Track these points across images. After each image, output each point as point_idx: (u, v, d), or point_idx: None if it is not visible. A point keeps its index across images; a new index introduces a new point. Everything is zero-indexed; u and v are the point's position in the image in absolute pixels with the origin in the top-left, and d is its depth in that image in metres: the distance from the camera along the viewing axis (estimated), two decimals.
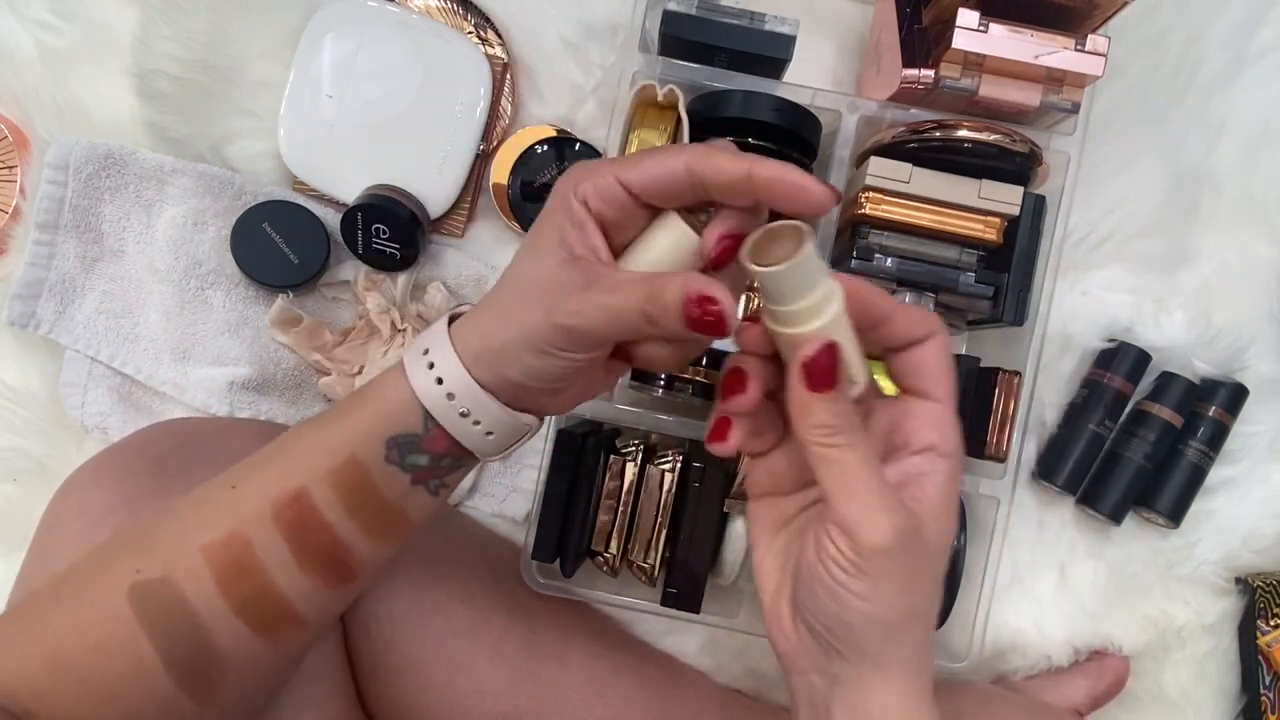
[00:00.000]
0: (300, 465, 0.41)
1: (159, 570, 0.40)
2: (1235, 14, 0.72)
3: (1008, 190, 0.59)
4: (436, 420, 0.40)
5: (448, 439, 0.41)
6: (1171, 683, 0.73)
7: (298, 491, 0.41)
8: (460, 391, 0.40)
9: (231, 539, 0.40)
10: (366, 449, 0.41)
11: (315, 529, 0.41)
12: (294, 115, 0.71)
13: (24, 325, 0.69)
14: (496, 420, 0.41)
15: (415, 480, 0.42)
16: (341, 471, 0.41)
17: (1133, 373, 0.72)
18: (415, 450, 0.41)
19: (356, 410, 0.42)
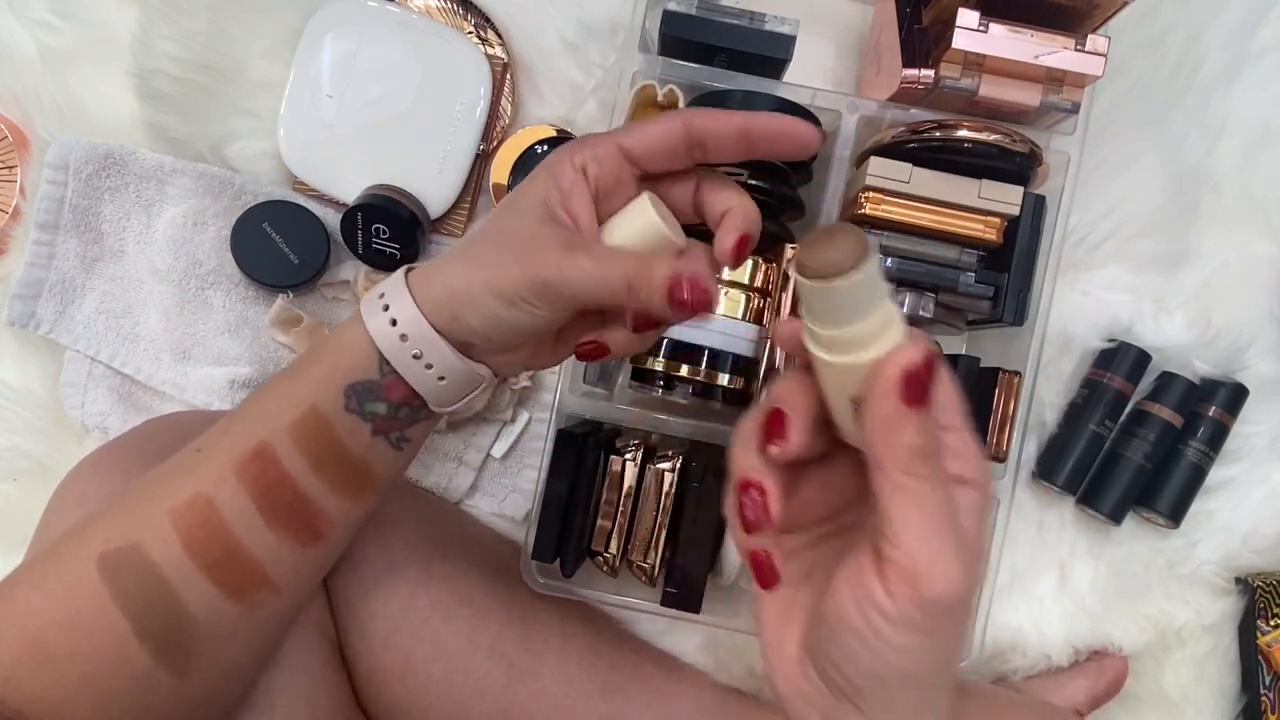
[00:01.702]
0: (262, 421, 0.42)
1: (127, 538, 0.40)
2: (1235, 14, 0.72)
3: (1008, 190, 0.59)
4: (390, 364, 0.41)
5: (403, 385, 0.41)
6: (1171, 683, 0.73)
7: (259, 447, 0.41)
8: (414, 334, 0.40)
9: (196, 500, 0.40)
10: (326, 398, 0.41)
11: (279, 484, 0.41)
12: (294, 115, 0.71)
13: (24, 325, 0.69)
14: (449, 365, 0.41)
15: (376, 430, 0.42)
16: (303, 423, 0.41)
17: (1133, 373, 0.72)
18: (373, 398, 0.41)
19: (315, 362, 0.42)
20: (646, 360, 0.62)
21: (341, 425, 0.41)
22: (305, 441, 0.41)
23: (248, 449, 0.41)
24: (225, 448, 0.42)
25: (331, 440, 0.41)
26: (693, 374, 0.62)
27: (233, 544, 0.41)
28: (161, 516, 0.40)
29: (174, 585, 0.40)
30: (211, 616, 0.41)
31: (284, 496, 0.41)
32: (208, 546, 0.40)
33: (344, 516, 0.43)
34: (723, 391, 0.63)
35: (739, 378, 0.63)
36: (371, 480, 0.43)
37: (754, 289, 0.63)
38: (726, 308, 0.62)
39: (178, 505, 0.40)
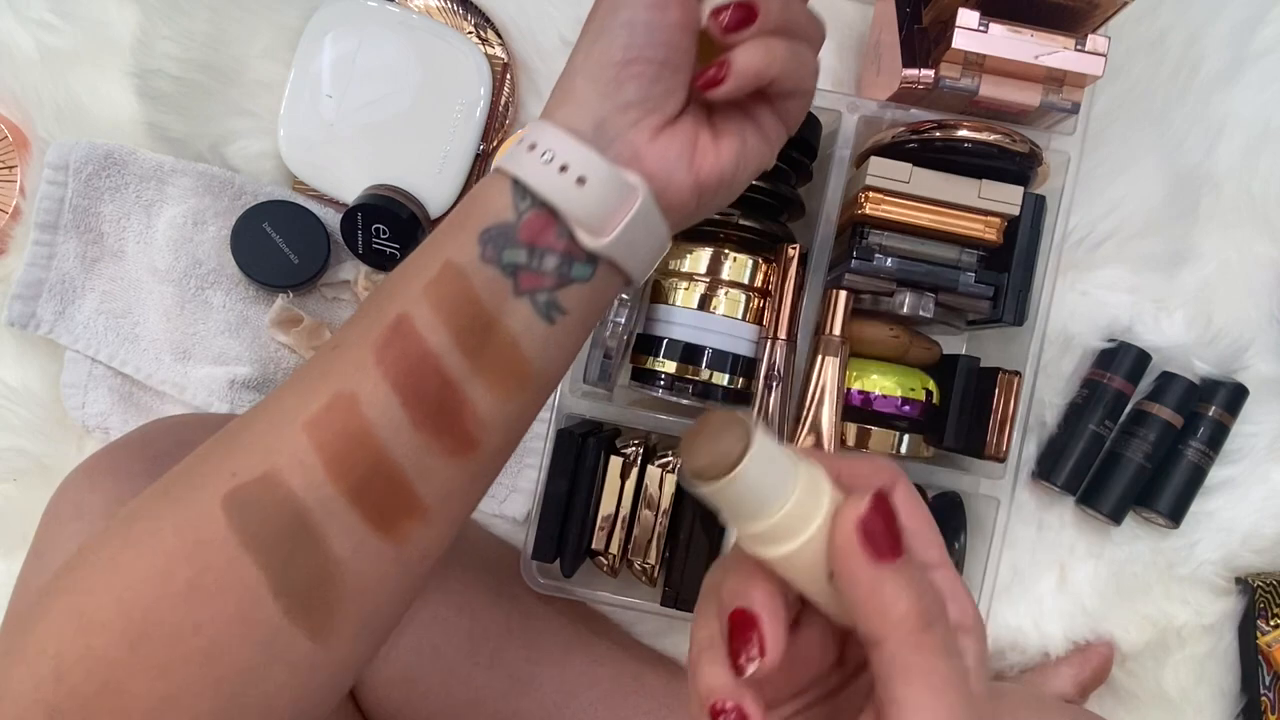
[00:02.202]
0: (395, 292, 0.35)
1: (258, 466, 0.32)
2: (1235, 14, 0.72)
3: (1008, 190, 0.59)
4: (524, 186, 0.35)
5: (543, 218, 0.35)
6: (1171, 683, 0.73)
7: (396, 320, 0.34)
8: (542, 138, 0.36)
9: (335, 403, 0.33)
10: (460, 250, 0.35)
11: (422, 365, 0.34)
12: (294, 115, 0.71)
13: (24, 325, 0.69)
14: (585, 161, 0.35)
15: (519, 288, 0.35)
16: (438, 283, 0.35)
17: (1133, 373, 0.72)
18: (511, 242, 0.35)
19: (448, 223, 0.37)
20: (646, 360, 0.62)
21: (480, 280, 0.35)
22: (444, 305, 0.34)
23: (384, 325, 0.34)
24: (361, 331, 0.35)
25: (471, 300, 0.34)
26: (693, 374, 0.62)
27: (379, 454, 0.33)
28: (296, 433, 0.33)
29: (316, 520, 0.32)
30: (357, 557, 0.33)
31: (429, 384, 0.34)
32: (352, 461, 0.33)
33: (495, 415, 0.35)
34: (723, 391, 0.63)
35: (739, 378, 0.63)
36: (521, 362, 0.36)
37: (754, 289, 0.63)
38: (726, 308, 0.62)
39: (314, 414, 0.33)
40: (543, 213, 0.35)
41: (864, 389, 0.64)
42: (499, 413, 0.36)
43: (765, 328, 0.63)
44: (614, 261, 0.37)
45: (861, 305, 0.65)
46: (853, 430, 0.65)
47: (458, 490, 0.36)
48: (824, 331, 0.62)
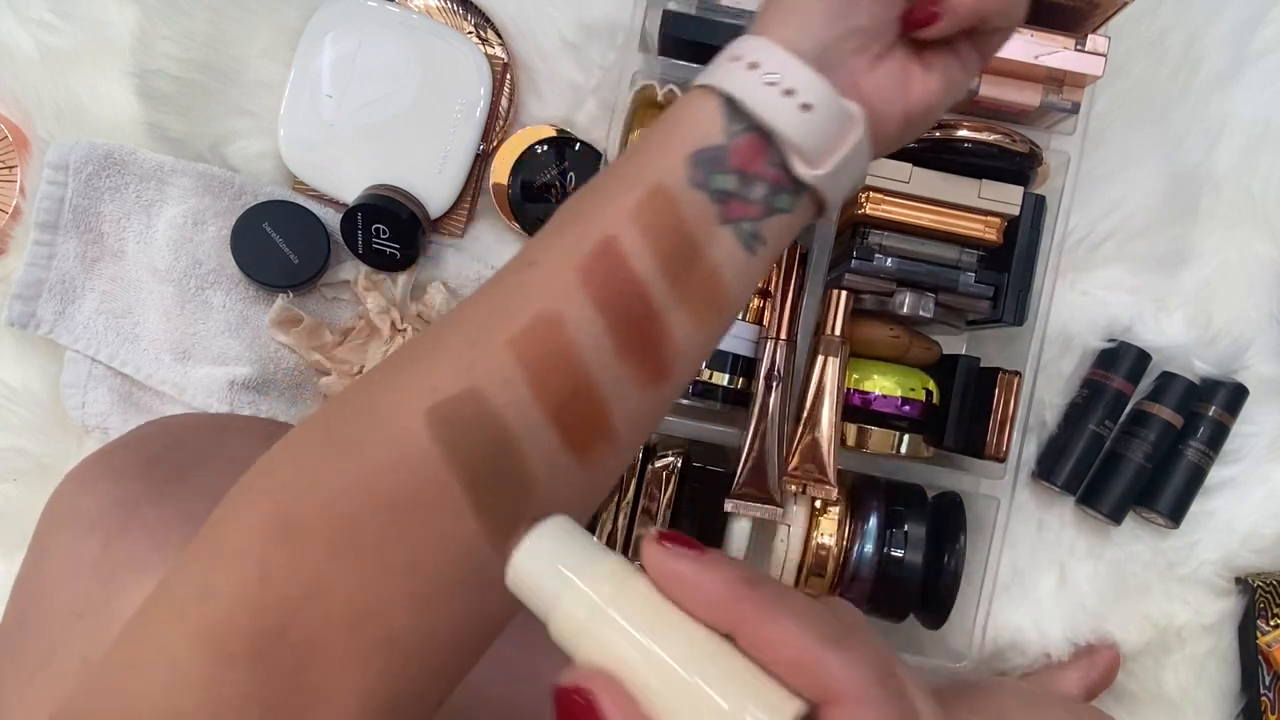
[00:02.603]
0: (601, 211, 0.34)
1: (462, 382, 0.32)
2: (1235, 14, 0.72)
3: (1008, 190, 0.59)
4: (742, 105, 0.34)
5: (756, 144, 0.34)
6: (1171, 683, 0.73)
7: (604, 242, 0.33)
8: (766, 58, 0.34)
9: (539, 321, 0.32)
10: (669, 172, 0.34)
11: (629, 290, 0.33)
12: (294, 115, 0.71)
13: (24, 325, 0.69)
14: (814, 88, 0.34)
15: (725, 216, 0.34)
16: (647, 205, 0.34)
17: (1133, 373, 0.72)
18: (721, 167, 0.34)
19: (649, 140, 0.35)
20: None
21: (688, 205, 0.34)
22: (652, 229, 0.33)
23: (591, 245, 0.33)
24: (564, 253, 0.33)
25: (679, 226, 0.34)
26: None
27: (582, 377, 0.33)
28: (499, 350, 0.32)
29: (518, 438, 0.32)
30: (551, 477, 0.33)
31: (634, 309, 0.33)
32: (556, 382, 0.32)
33: (689, 344, 0.35)
34: (723, 391, 0.63)
35: (739, 378, 0.63)
36: (721, 292, 0.35)
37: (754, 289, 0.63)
38: None
39: (518, 332, 0.32)
40: (755, 137, 0.34)
41: (864, 389, 0.64)
42: (693, 342, 0.35)
43: (765, 328, 0.63)
44: (820, 193, 0.36)
45: (861, 305, 0.65)
46: (853, 430, 0.65)
47: (645, 417, 0.36)
48: (824, 331, 0.62)
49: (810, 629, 0.23)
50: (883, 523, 0.64)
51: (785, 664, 0.23)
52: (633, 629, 0.23)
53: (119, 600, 0.46)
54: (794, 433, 0.62)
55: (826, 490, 0.61)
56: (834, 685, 0.22)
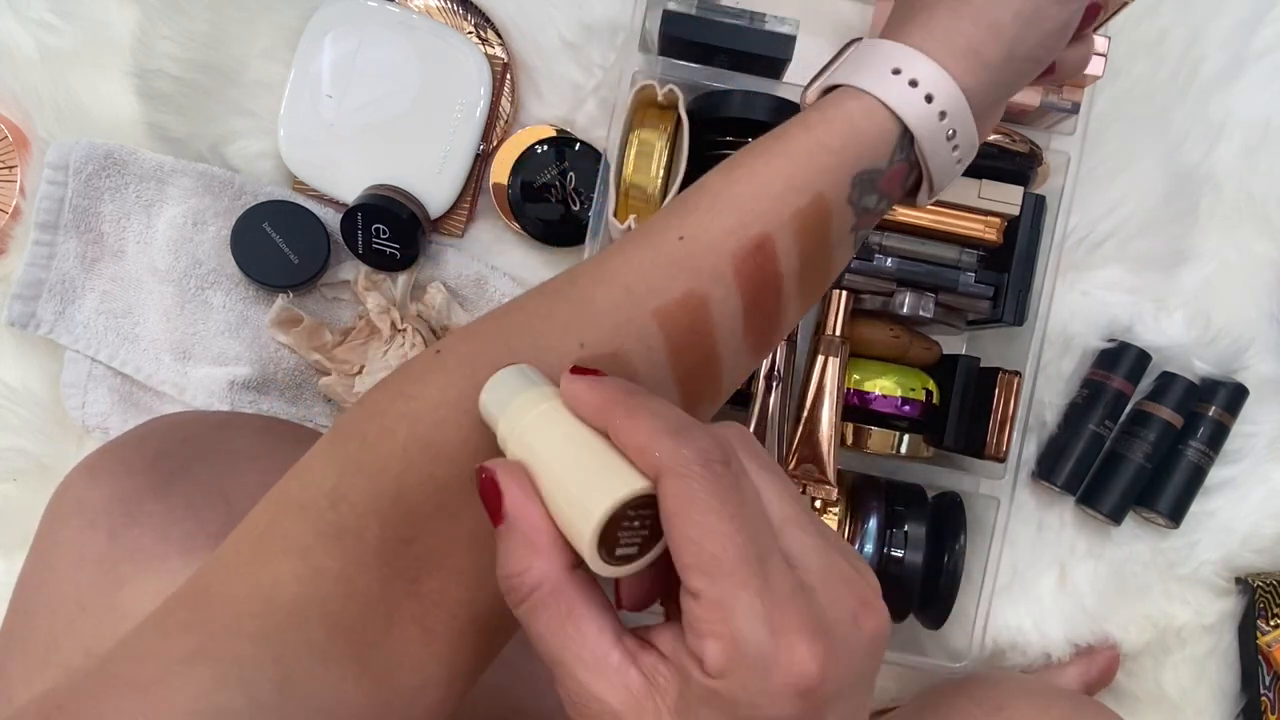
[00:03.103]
0: (761, 208, 0.36)
1: (608, 343, 0.34)
2: (1235, 14, 0.72)
3: (1008, 190, 0.59)
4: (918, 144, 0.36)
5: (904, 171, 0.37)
6: (1171, 683, 0.73)
7: (762, 239, 0.35)
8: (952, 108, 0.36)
9: (689, 299, 0.35)
10: (834, 186, 0.36)
11: (770, 284, 0.36)
12: (294, 115, 0.71)
13: (24, 325, 0.69)
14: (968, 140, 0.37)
15: (855, 227, 0.37)
16: (807, 213, 0.35)
17: (1133, 373, 0.72)
18: (872, 189, 0.36)
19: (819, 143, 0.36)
20: None
21: (839, 218, 0.36)
22: (804, 234, 0.35)
23: (749, 240, 0.35)
24: (719, 239, 0.35)
25: (826, 235, 0.36)
26: None
27: (712, 351, 0.35)
28: (647, 318, 0.34)
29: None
30: None
31: (771, 300, 0.36)
32: (691, 354, 0.35)
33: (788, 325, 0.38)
34: None
35: None
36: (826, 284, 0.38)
37: None
38: None
39: (666, 305, 0.34)
40: (906, 166, 0.37)
41: (864, 389, 0.64)
42: (794, 320, 0.39)
43: None
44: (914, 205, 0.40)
45: (861, 305, 0.65)
46: (852, 430, 0.65)
47: (741, 376, 0.39)
48: (824, 331, 0.62)
49: (654, 422, 0.27)
50: (883, 523, 0.64)
51: (633, 449, 0.27)
52: (532, 434, 0.29)
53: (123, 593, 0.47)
54: (794, 433, 0.62)
55: (826, 490, 0.61)
56: (662, 464, 0.26)
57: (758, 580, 0.25)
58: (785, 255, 0.35)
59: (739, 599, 0.25)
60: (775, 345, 0.40)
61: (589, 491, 0.27)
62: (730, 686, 0.25)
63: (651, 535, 0.27)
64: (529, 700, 0.59)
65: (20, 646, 0.48)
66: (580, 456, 0.28)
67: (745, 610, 0.25)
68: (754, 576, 0.25)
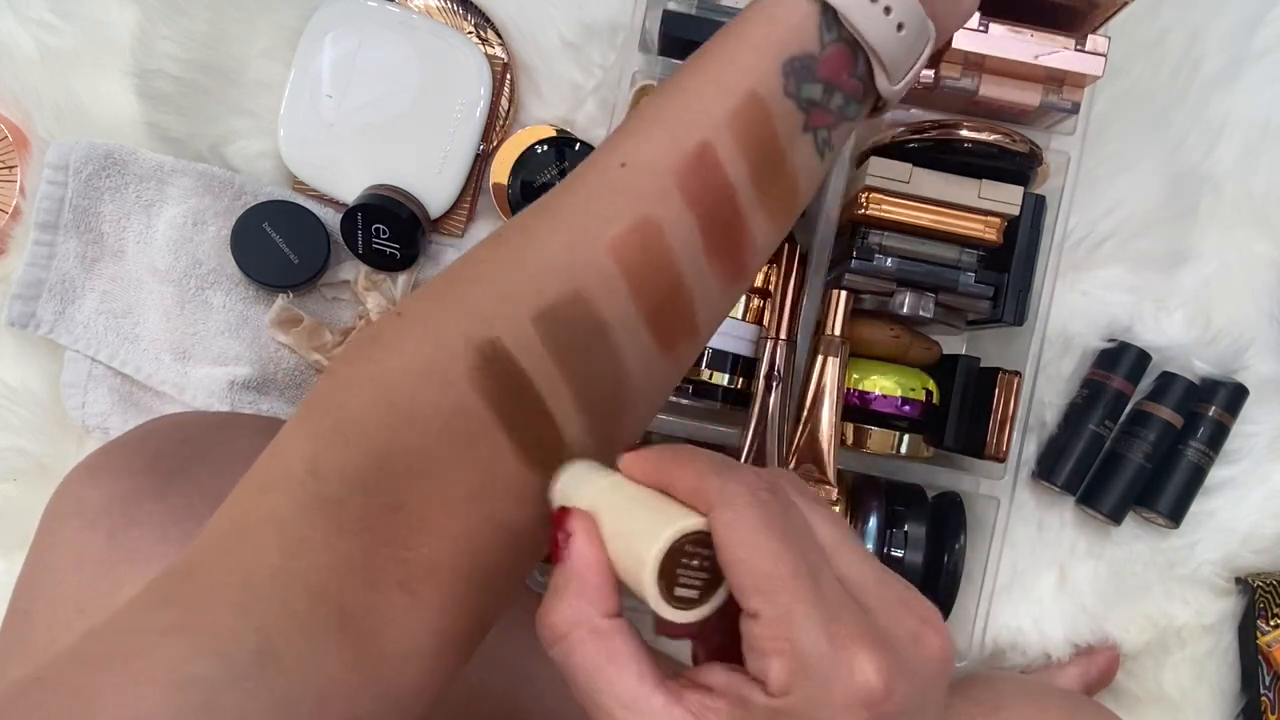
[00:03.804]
0: (694, 116, 0.34)
1: (566, 285, 0.33)
2: (1235, 14, 0.72)
3: (1008, 190, 0.59)
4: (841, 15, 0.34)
5: (843, 56, 0.35)
6: (1171, 683, 0.73)
7: (700, 148, 0.34)
8: None
9: (639, 226, 0.33)
10: (763, 80, 0.34)
11: (722, 196, 0.34)
12: (294, 115, 0.71)
13: (24, 325, 0.69)
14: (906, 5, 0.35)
15: (808, 124, 0.36)
16: (742, 113, 0.34)
17: (1133, 373, 0.72)
18: (811, 77, 0.35)
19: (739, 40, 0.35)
20: None
21: (779, 114, 0.34)
22: (745, 137, 0.34)
23: (688, 151, 0.34)
24: (657, 157, 0.34)
25: (769, 135, 0.34)
26: (693, 374, 0.62)
27: (676, 278, 0.34)
28: (601, 254, 0.33)
29: (616, 338, 0.33)
30: (643, 372, 0.35)
31: (724, 213, 0.34)
32: (653, 283, 0.34)
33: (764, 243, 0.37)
34: (723, 391, 0.63)
35: (739, 378, 0.63)
36: (796, 195, 0.37)
37: (754, 289, 0.63)
38: None
39: (618, 236, 0.33)
40: (844, 48, 0.35)
41: (864, 389, 0.64)
42: (768, 242, 0.37)
43: (765, 328, 0.63)
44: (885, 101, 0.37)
45: (861, 305, 0.65)
46: (852, 430, 0.65)
47: (720, 312, 0.38)
48: (824, 331, 0.62)
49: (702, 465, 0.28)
50: (883, 523, 0.64)
51: (686, 494, 0.28)
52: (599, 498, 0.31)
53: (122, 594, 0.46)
54: (794, 433, 0.62)
55: (826, 490, 0.61)
56: (713, 498, 0.27)
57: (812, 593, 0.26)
58: (730, 162, 0.34)
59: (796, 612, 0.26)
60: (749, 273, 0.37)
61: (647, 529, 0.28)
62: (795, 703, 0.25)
63: (712, 578, 0.28)
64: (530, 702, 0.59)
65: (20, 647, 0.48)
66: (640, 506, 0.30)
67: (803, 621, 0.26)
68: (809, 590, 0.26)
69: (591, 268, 0.33)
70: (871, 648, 0.26)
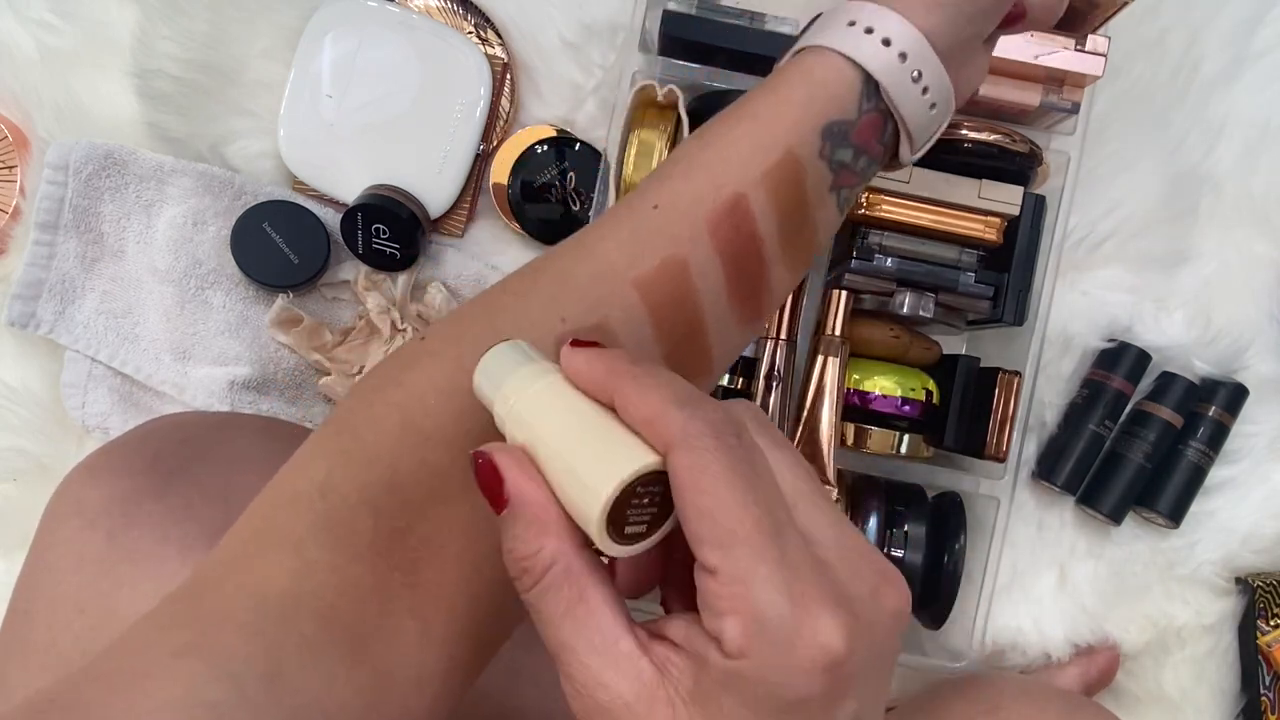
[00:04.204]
0: (731, 170, 0.35)
1: (590, 316, 0.34)
2: (1235, 14, 0.72)
3: (1008, 190, 0.59)
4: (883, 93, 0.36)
5: (877, 123, 0.37)
6: (1171, 683, 0.73)
7: (735, 199, 0.35)
8: (912, 50, 0.36)
9: (667, 265, 0.34)
10: (803, 141, 0.36)
11: (749, 245, 0.35)
12: (294, 115, 0.71)
13: (24, 325, 0.69)
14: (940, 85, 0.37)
15: (834, 185, 0.37)
16: (778, 171, 0.35)
17: (1133, 373, 0.71)
18: (844, 142, 0.36)
19: (783, 101, 0.36)
20: None
21: (812, 174, 0.36)
22: (778, 193, 0.35)
23: (722, 201, 0.35)
24: (692, 203, 0.35)
25: (801, 193, 0.36)
26: None
27: (697, 318, 0.35)
28: (627, 289, 0.34)
29: None
30: None
31: (750, 263, 0.36)
32: (674, 321, 0.35)
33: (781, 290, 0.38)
34: (723, 391, 0.63)
35: (739, 378, 0.63)
36: (815, 247, 0.38)
37: None
38: None
39: (645, 274, 0.34)
40: (878, 117, 0.36)
41: (864, 389, 0.64)
42: (783, 288, 0.38)
43: (765, 328, 0.63)
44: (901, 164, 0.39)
45: (861, 305, 0.65)
46: (852, 430, 0.65)
47: (734, 351, 0.39)
48: (824, 331, 0.62)
49: (663, 393, 0.26)
50: (883, 523, 0.64)
51: (640, 422, 0.26)
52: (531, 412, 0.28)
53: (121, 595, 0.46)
54: (794, 433, 0.62)
55: (826, 490, 0.61)
56: (672, 436, 0.25)
57: (776, 552, 0.25)
58: (761, 215, 0.35)
59: (758, 572, 0.24)
60: (765, 316, 0.38)
61: (596, 469, 0.26)
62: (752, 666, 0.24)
63: (660, 512, 0.27)
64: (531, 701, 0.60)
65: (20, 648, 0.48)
66: (585, 433, 0.27)
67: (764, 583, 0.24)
68: (772, 549, 0.25)
69: (616, 299, 0.34)
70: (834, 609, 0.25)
